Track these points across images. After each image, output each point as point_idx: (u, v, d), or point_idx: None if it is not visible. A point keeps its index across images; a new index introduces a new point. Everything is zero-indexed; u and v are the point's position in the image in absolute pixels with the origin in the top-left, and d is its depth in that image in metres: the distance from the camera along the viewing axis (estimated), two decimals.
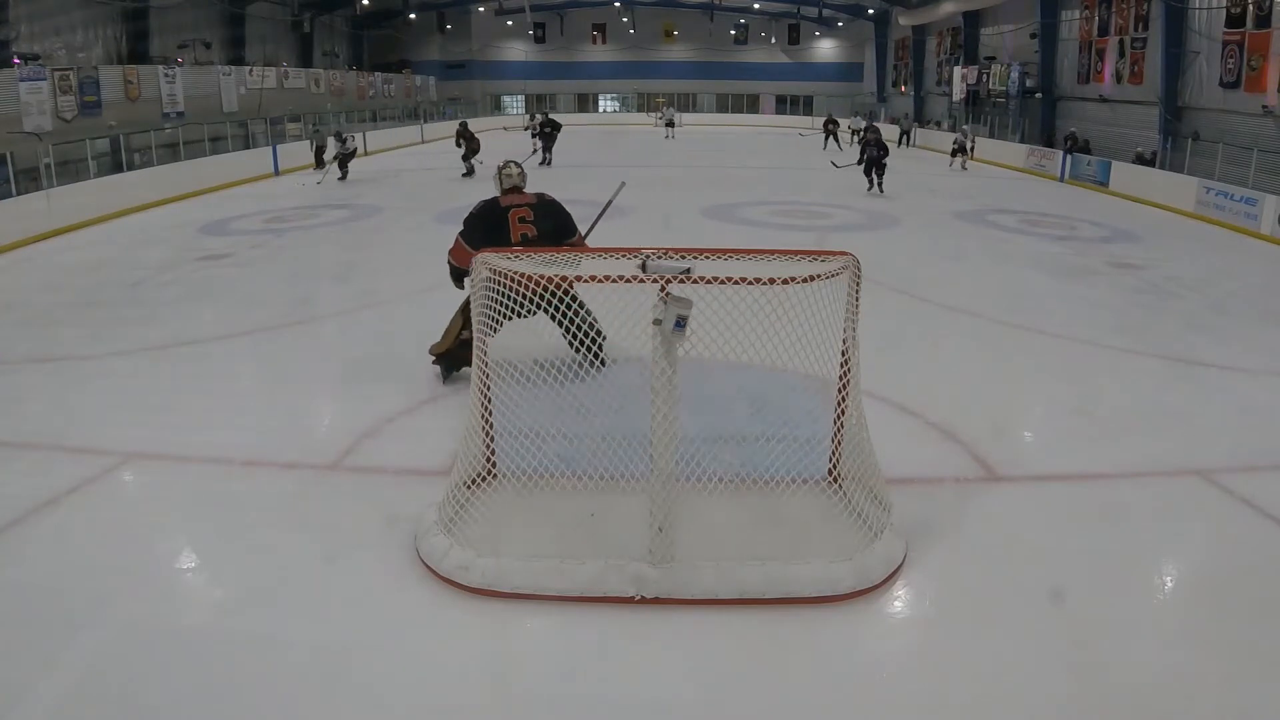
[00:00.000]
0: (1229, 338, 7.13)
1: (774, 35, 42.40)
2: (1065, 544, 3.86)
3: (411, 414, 5.19)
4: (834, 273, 3.53)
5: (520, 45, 42.59)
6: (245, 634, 3.19)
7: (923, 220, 13.06)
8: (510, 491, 3.93)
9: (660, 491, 3.30)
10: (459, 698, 2.93)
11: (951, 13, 28.37)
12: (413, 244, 10.87)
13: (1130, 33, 19.61)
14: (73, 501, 4.15)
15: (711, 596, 3.30)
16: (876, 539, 3.56)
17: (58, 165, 12.64)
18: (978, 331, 7.28)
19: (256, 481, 4.42)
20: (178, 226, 12.28)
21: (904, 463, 4.37)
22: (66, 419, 5.20)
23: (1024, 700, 2.91)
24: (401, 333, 6.69)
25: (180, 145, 16.99)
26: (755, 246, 3.68)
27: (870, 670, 3.11)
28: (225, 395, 5.66)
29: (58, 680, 2.95)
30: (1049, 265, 9.99)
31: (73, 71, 17.84)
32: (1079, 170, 18.26)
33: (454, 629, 3.25)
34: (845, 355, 3.71)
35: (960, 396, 5.50)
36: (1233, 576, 3.67)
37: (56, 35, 19.16)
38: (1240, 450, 4.84)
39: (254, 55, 27.21)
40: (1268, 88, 15.18)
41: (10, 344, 6.72)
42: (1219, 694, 2.95)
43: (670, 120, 33.20)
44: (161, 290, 8.48)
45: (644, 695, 2.93)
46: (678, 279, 3.24)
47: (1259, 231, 12.41)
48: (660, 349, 3.24)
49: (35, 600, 3.39)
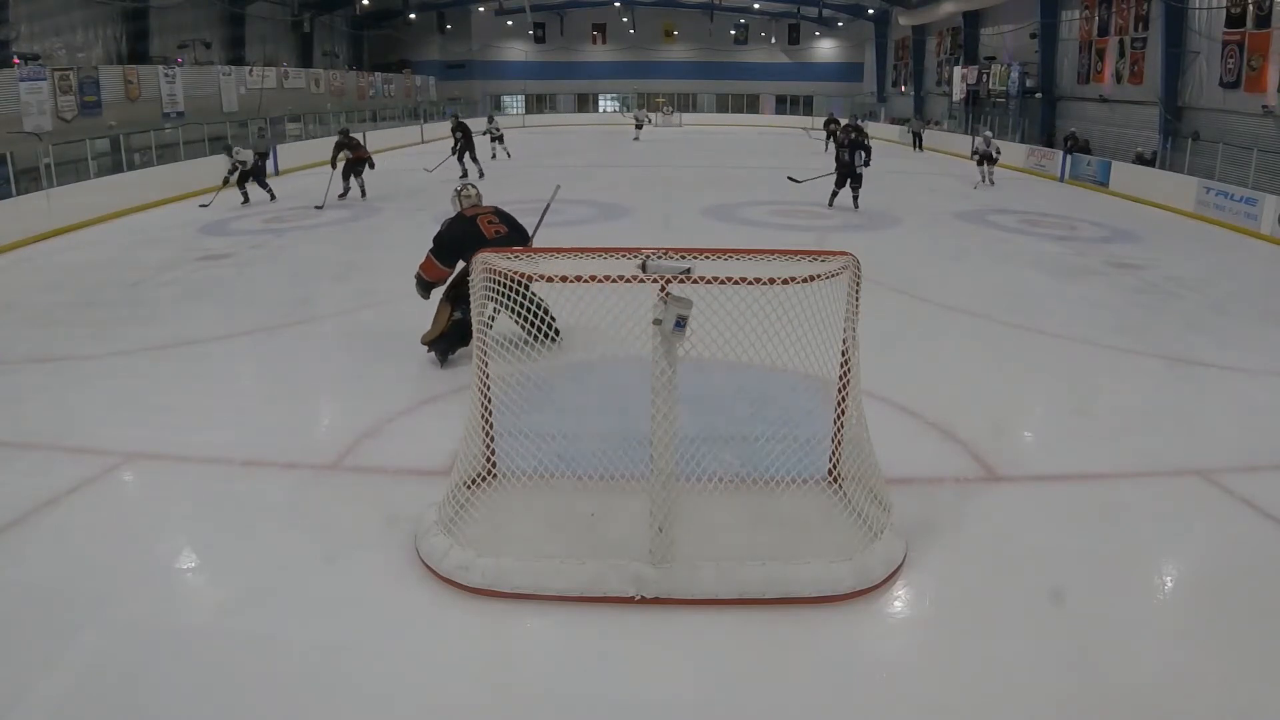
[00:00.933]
0: (1229, 338, 7.13)
1: (774, 35, 42.39)
2: (1065, 544, 3.86)
3: (411, 414, 5.19)
4: (834, 273, 3.53)
5: (520, 45, 42.59)
6: (245, 634, 3.19)
7: (923, 220, 13.05)
8: (510, 491, 3.93)
9: (660, 491, 3.30)
10: (459, 698, 2.93)
11: (951, 13, 28.37)
12: (413, 244, 10.75)
13: (1130, 33, 19.61)
14: (73, 501, 4.15)
15: (711, 596, 3.31)
16: (876, 539, 3.56)
17: (58, 165, 12.63)
18: (978, 331, 7.28)
19: (256, 481, 4.42)
20: (178, 226, 12.28)
21: (904, 463, 4.38)
22: (66, 419, 5.21)
23: (1024, 700, 2.92)
24: (401, 332, 6.69)
25: (180, 145, 16.97)
26: (755, 246, 3.68)
27: (870, 670, 3.11)
28: (225, 395, 5.66)
29: (58, 680, 2.95)
30: (1049, 265, 9.99)
31: (73, 71, 17.84)
32: (1079, 170, 18.25)
33: (454, 629, 3.26)
34: (845, 355, 3.71)
35: (960, 396, 5.51)
36: (1233, 576, 3.67)
37: (56, 35, 19.16)
38: (1240, 450, 4.84)
39: (254, 55, 27.21)
40: (1268, 88, 15.18)
41: (10, 344, 6.72)
42: (1219, 694, 2.95)
43: (642, 121, 30.62)
44: (161, 290, 8.49)
45: (644, 695, 2.93)
46: (678, 279, 3.24)
47: (1259, 231, 12.40)
48: (660, 349, 3.24)
49: (35, 600, 3.39)
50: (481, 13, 40.54)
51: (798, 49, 42.61)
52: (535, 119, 39.10)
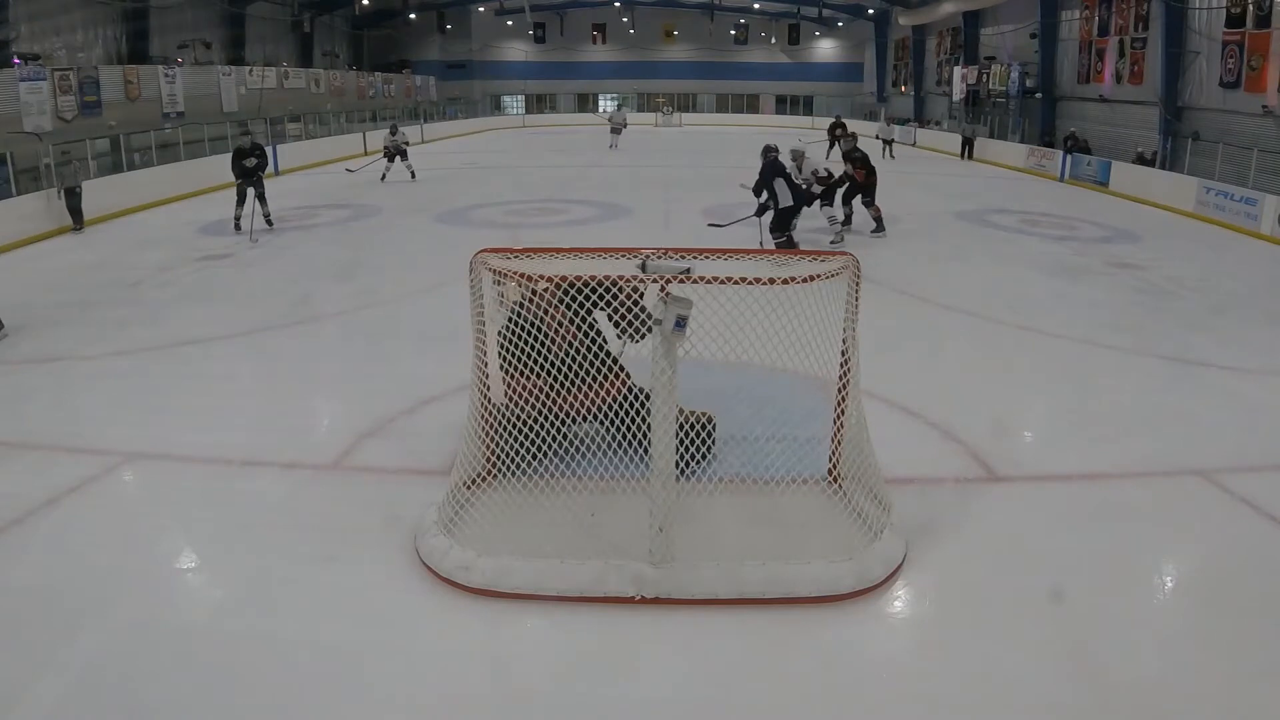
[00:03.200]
0: (1229, 338, 7.12)
1: (774, 35, 42.38)
2: (1065, 544, 3.86)
3: (411, 414, 5.19)
4: (834, 273, 3.53)
5: (520, 45, 42.58)
6: (245, 634, 3.19)
7: (923, 220, 13.05)
8: (510, 491, 3.93)
9: (660, 491, 3.30)
10: (459, 697, 2.93)
11: (951, 13, 28.36)
12: (413, 244, 10.87)
13: (1130, 33, 19.60)
14: (73, 501, 4.15)
15: (711, 596, 3.31)
16: (876, 539, 3.56)
17: (57, 165, 12.62)
18: (978, 331, 7.28)
19: (256, 481, 4.42)
20: (178, 226, 12.28)
21: (904, 463, 4.38)
22: (66, 419, 5.21)
23: (1024, 699, 2.92)
24: (402, 333, 6.70)
25: (180, 145, 16.96)
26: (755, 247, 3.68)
27: (870, 670, 3.11)
28: (225, 395, 5.66)
29: (58, 680, 2.95)
30: (1049, 265, 9.98)
31: (73, 71, 17.83)
32: (1079, 170, 18.25)
33: (454, 629, 3.26)
34: (845, 355, 3.71)
35: (960, 396, 5.51)
36: (1233, 576, 3.67)
37: (56, 35, 19.15)
38: (1240, 450, 4.84)
39: (254, 55, 27.21)
40: (1268, 88, 15.17)
41: (10, 344, 6.72)
42: (1219, 694, 2.95)
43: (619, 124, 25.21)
44: (161, 290, 8.49)
45: (644, 695, 2.93)
46: (678, 279, 3.24)
47: (1259, 231, 12.40)
48: (660, 349, 3.24)
49: (35, 600, 3.39)
50: (481, 13, 40.54)
51: (797, 49, 42.60)
52: (535, 119, 39.11)
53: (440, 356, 5.89)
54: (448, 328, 5.63)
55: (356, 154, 22.91)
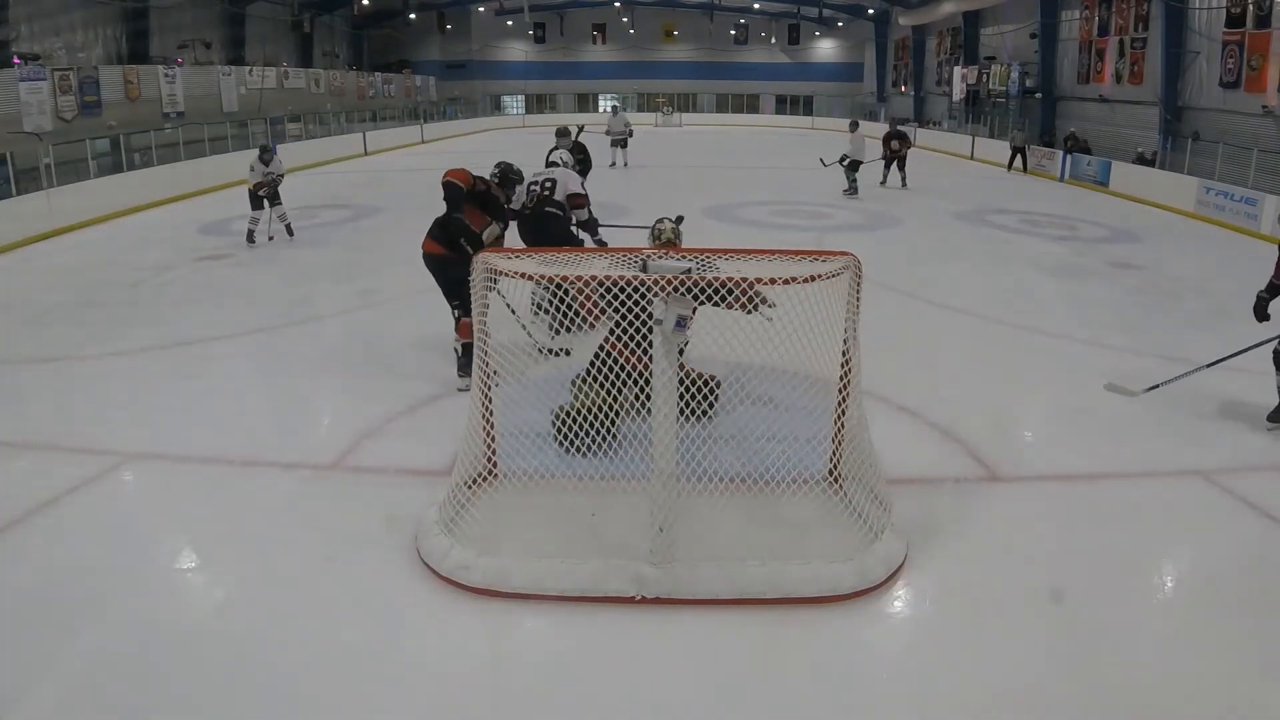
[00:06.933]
0: (1229, 338, 7.11)
1: (774, 35, 42.38)
2: (1065, 544, 3.86)
3: (411, 414, 5.19)
4: (834, 273, 3.53)
5: (520, 45, 42.59)
6: (245, 634, 3.19)
7: (923, 220, 13.05)
8: (510, 491, 3.93)
9: (660, 491, 3.30)
10: (459, 697, 2.93)
11: (951, 13, 28.36)
12: (413, 244, 10.79)
13: (1130, 33, 19.61)
14: (73, 501, 4.15)
15: (712, 596, 3.31)
16: (877, 539, 3.56)
17: (58, 165, 12.62)
18: (978, 331, 7.28)
19: (256, 481, 4.42)
20: (178, 226, 12.28)
21: (904, 463, 4.38)
22: (66, 419, 5.21)
23: (1024, 700, 2.91)
24: (402, 333, 6.69)
25: (180, 145, 16.96)
26: (755, 246, 3.68)
27: (870, 670, 3.11)
28: (225, 395, 5.66)
29: (58, 680, 2.95)
30: (1049, 265, 9.98)
31: (73, 71, 17.84)
32: (1079, 170, 18.24)
33: (454, 629, 3.25)
34: (845, 355, 3.71)
35: (960, 396, 5.51)
36: (1233, 576, 3.67)
37: (56, 35, 19.15)
38: (1240, 450, 4.84)
39: (254, 55, 27.21)
40: (1268, 88, 15.18)
41: (10, 344, 6.72)
42: (1219, 694, 2.95)
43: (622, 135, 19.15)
44: (161, 290, 8.48)
45: (644, 695, 2.92)
46: (678, 279, 3.24)
47: (1259, 231, 12.39)
48: (660, 349, 3.24)
49: (35, 600, 3.39)
50: (481, 13, 40.54)
51: (797, 49, 42.60)
52: (535, 119, 39.11)
53: (441, 357, 5.90)
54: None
55: (357, 154, 22.96)
